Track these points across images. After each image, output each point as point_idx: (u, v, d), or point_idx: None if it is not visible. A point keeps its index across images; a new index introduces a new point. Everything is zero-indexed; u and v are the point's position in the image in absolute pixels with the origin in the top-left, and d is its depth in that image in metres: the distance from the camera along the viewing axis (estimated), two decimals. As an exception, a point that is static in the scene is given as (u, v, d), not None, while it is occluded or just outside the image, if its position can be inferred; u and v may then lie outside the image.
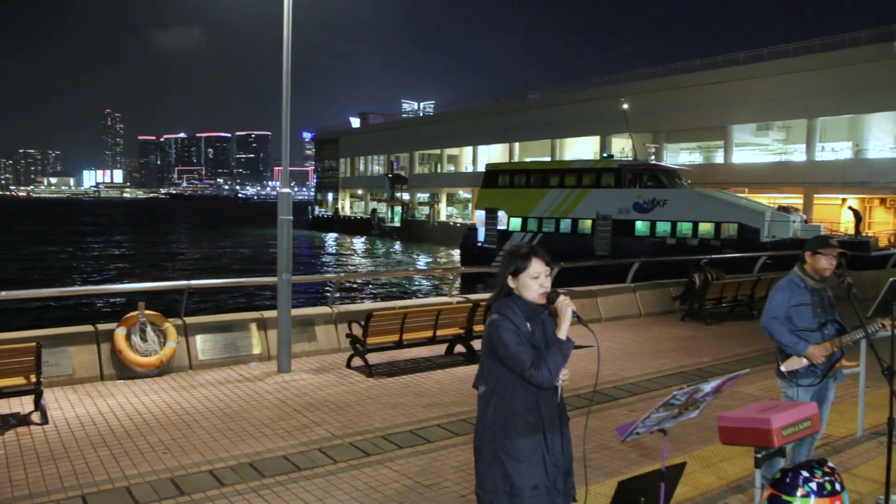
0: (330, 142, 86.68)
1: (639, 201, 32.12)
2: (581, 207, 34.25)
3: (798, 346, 4.68)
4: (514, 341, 3.11)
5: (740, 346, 10.96)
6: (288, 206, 8.91)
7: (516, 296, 3.23)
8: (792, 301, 4.77)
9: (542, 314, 3.24)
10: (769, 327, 4.81)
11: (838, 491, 3.22)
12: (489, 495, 3.19)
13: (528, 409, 3.16)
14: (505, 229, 37.13)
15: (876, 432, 6.40)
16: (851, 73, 35.80)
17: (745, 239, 28.12)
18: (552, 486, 3.18)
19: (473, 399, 7.89)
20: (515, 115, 55.95)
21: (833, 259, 4.74)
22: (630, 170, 33.67)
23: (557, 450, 3.22)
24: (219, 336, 9.25)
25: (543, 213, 35.71)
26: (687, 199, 31.31)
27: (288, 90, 8.89)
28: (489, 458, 3.21)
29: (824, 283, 4.84)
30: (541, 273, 3.19)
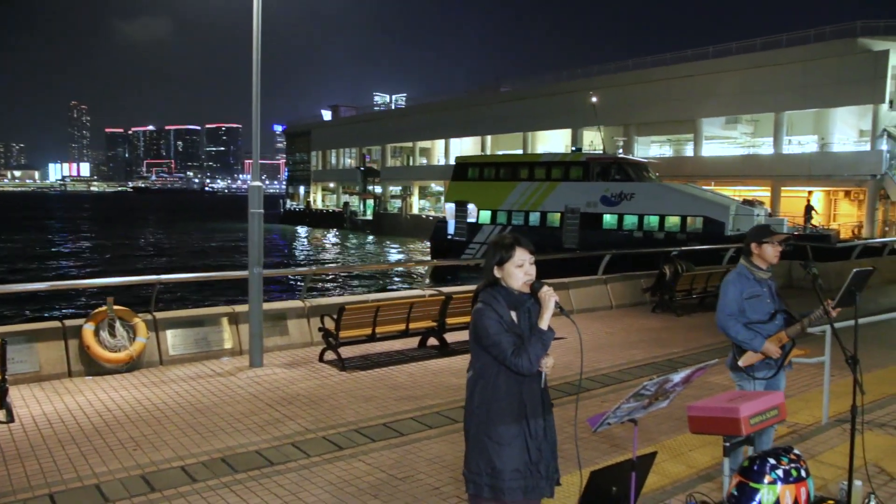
0: (301, 135, 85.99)
1: (606, 195, 32.39)
2: (550, 200, 34.46)
3: (754, 341, 4.70)
4: (496, 330, 3.18)
5: (710, 337, 11.11)
6: (259, 199, 8.84)
7: (501, 285, 3.29)
8: (744, 294, 4.78)
9: (526, 303, 3.30)
10: (725, 325, 4.81)
11: (804, 477, 3.29)
12: (474, 476, 3.28)
13: (510, 395, 3.24)
14: (475, 222, 37.22)
15: (840, 420, 6.54)
16: (817, 67, 36.35)
17: (711, 232, 28.51)
18: (535, 470, 3.25)
19: (447, 391, 7.95)
20: (487, 108, 55.98)
21: (779, 246, 4.79)
22: (598, 163, 33.92)
23: (540, 435, 3.28)
24: (190, 331, 9.16)
25: (513, 206, 35.86)
26: (654, 193, 31.64)
27: (258, 82, 8.81)
28: (474, 442, 3.30)
29: (771, 271, 4.89)
30: (525, 261, 3.25)
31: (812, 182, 37.90)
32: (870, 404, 7.02)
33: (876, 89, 34.38)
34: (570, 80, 51.88)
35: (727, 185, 41.78)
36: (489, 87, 63.52)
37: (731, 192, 39.74)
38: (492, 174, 38.01)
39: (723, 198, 31.84)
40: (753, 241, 4.85)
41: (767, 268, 4.86)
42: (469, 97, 62.13)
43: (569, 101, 47.48)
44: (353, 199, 73.26)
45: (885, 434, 6.25)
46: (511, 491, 3.21)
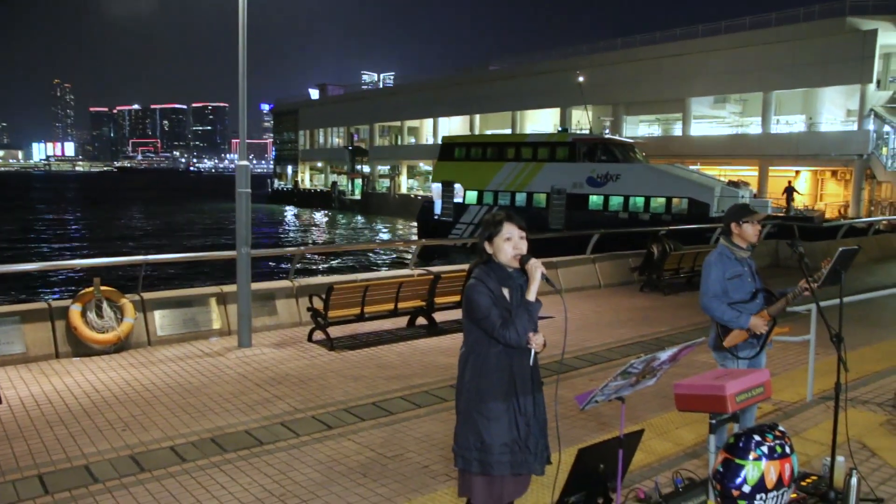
0: (289, 114, 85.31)
1: (592, 175, 32.41)
2: (536, 181, 34.46)
3: (740, 319, 4.72)
4: (487, 304, 3.22)
5: (697, 316, 11.17)
6: (246, 178, 8.78)
7: (494, 262, 3.33)
8: (727, 274, 4.80)
9: (517, 279, 3.33)
10: (709, 306, 4.82)
11: (788, 454, 3.33)
12: (463, 451, 3.32)
13: (501, 371, 3.27)
14: (461, 202, 37.21)
15: (824, 397, 6.62)
16: (805, 47, 36.35)
17: (695, 214, 28.63)
18: (523, 445, 3.30)
19: (436, 371, 7.97)
20: (476, 87, 55.70)
21: (758, 225, 4.82)
22: (584, 144, 33.91)
23: (529, 411, 3.33)
24: (178, 311, 9.14)
25: (499, 187, 35.84)
26: (639, 174, 31.68)
27: (244, 61, 8.72)
28: (464, 416, 3.34)
29: (751, 251, 4.92)
30: (513, 235, 3.28)
31: (799, 162, 38.05)
32: (853, 382, 7.12)
33: (864, 69, 34.42)
34: (559, 59, 51.66)
35: (715, 164, 41.88)
36: (478, 66, 63.18)
37: (719, 172, 39.89)
38: (478, 154, 37.95)
39: (708, 179, 31.92)
40: (733, 221, 4.87)
41: (747, 247, 4.88)
42: (458, 76, 61.77)
43: (557, 80, 47.35)
44: (341, 178, 72.92)
45: (868, 411, 6.34)
46: (499, 465, 3.24)
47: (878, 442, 5.57)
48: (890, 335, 9.74)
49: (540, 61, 53.47)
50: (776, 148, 38.11)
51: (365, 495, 4.70)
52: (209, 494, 4.71)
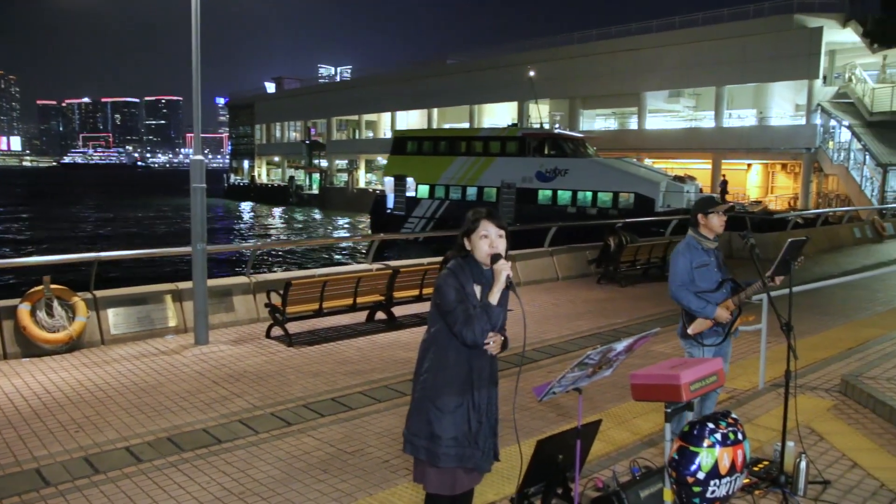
0: (244, 107, 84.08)
1: (541, 170, 32.73)
2: (486, 175, 34.72)
3: (706, 309, 4.87)
4: (454, 298, 3.22)
5: (653, 307, 11.38)
6: (201, 173, 8.65)
7: (471, 257, 3.32)
8: (694, 263, 4.94)
9: (489, 277, 3.32)
10: (677, 295, 4.96)
11: (740, 440, 3.42)
12: (412, 437, 3.34)
13: (459, 364, 3.29)
14: (413, 196, 37.27)
15: (775, 384, 6.80)
16: (755, 43, 37.10)
17: (641, 208, 29.13)
18: (472, 441, 3.30)
19: (395, 365, 7.96)
20: (434, 81, 55.63)
21: (723, 216, 4.95)
22: (534, 138, 34.22)
23: (483, 407, 3.34)
24: (132, 309, 8.96)
25: (450, 181, 36.01)
26: (587, 169, 32.06)
27: (198, 53, 8.57)
28: (418, 404, 3.35)
29: (717, 242, 5.05)
30: (490, 233, 3.27)
31: (751, 155, 38.90)
32: (803, 369, 7.32)
33: (811, 65, 35.30)
34: (516, 52, 51.90)
35: (670, 157, 42.58)
36: (435, 60, 63.07)
37: (668, 165, 40.58)
38: (430, 148, 38.10)
39: (654, 174, 32.43)
40: (700, 212, 5.00)
41: (714, 238, 5.01)
42: (415, 70, 61.60)
43: (514, 73, 47.56)
44: (298, 173, 72.22)
45: (817, 397, 6.52)
46: (446, 458, 3.26)
47: (825, 426, 5.74)
48: (837, 323, 10.04)
49: (497, 56, 53.63)
50: (728, 141, 38.88)
51: (325, 491, 4.69)
52: (166, 495, 4.64)
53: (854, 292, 12.58)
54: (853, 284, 12.85)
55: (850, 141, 34.30)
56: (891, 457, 5.12)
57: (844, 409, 6.16)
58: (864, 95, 35.49)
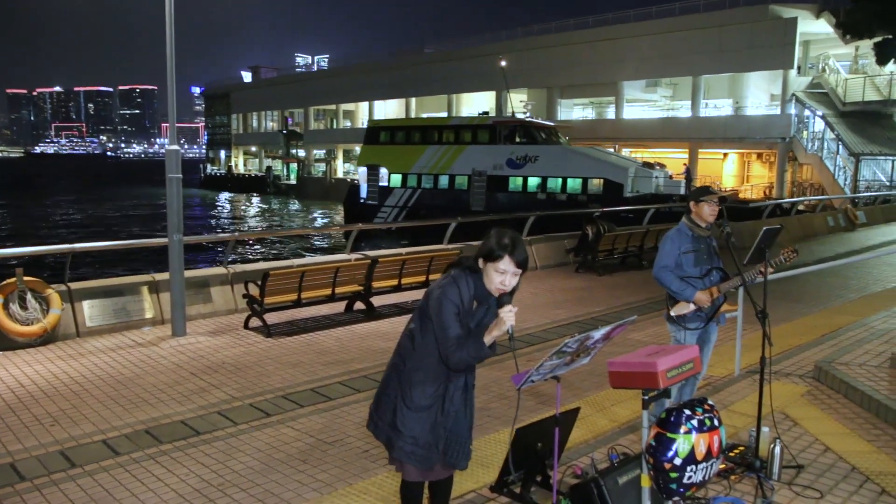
0: (221, 97, 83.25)
1: (512, 157, 32.95)
2: (458, 164, 34.88)
3: (686, 292, 4.98)
4: (450, 314, 3.15)
5: (631, 295, 11.46)
6: (177, 163, 8.55)
7: (479, 275, 3.23)
8: (681, 249, 5.06)
9: (491, 301, 3.27)
10: (659, 276, 5.09)
11: (716, 426, 3.46)
12: (377, 417, 3.39)
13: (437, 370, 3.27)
14: (386, 186, 37.33)
15: (751, 371, 6.90)
16: (731, 33, 37.37)
17: (610, 194, 29.39)
18: (433, 446, 3.30)
19: (374, 355, 7.94)
20: (412, 70, 55.44)
21: (715, 206, 5.03)
22: (505, 126, 34.42)
23: (451, 416, 3.33)
24: (108, 301, 8.86)
25: (423, 170, 36.12)
26: (557, 156, 32.29)
27: (172, 41, 8.45)
28: (390, 394, 3.35)
29: (710, 230, 5.13)
30: (508, 272, 3.17)
31: (727, 144, 39.24)
32: (777, 356, 7.42)
33: (785, 55, 35.65)
34: (494, 42, 51.82)
35: (647, 147, 42.84)
36: (413, 49, 62.88)
37: (650, 155, 40.83)
38: (402, 138, 38.18)
39: (623, 160, 32.71)
40: (692, 201, 5.13)
41: (707, 226, 5.09)
42: (393, 58, 61.35)
43: (492, 63, 47.40)
44: (275, 163, 71.71)
45: (791, 383, 6.62)
46: (401, 452, 3.29)
47: (799, 412, 5.84)
48: (811, 310, 10.19)
49: (475, 45, 53.53)
50: (705, 131, 39.19)
51: (305, 482, 4.68)
52: (144, 487, 4.61)
53: (827, 280, 12.77)
54: (827, 272, 13.04)
55: (824, 131, 34.73)
56: (862, 441, 5.22)
57: (818, 395, 6.26)
58: (837, 86, 35.94)
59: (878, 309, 9.63)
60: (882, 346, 7.36)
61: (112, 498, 4.46)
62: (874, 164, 33.59)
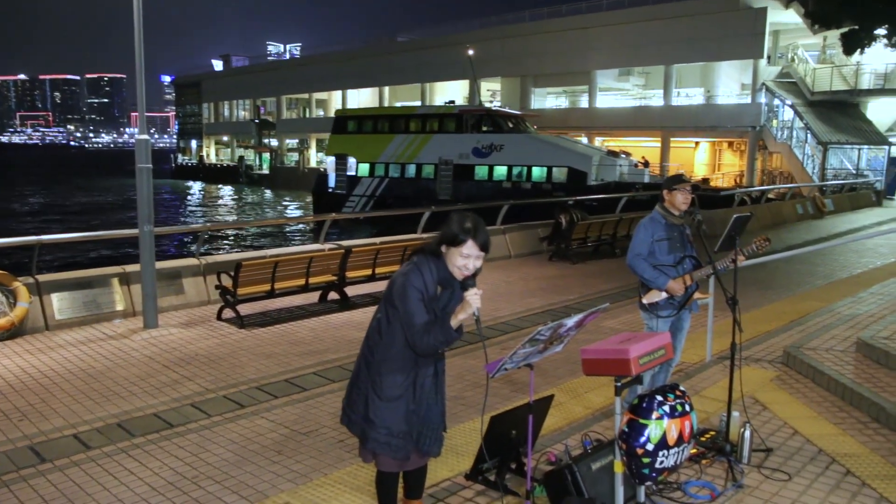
0: (191, 86, 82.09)
1: (478, 146, 33.11)
2: (424, 152, 34.98)
3: (659, 280, 5.02)
4: (415, 301, 3.15)
5: (604, 283, 11.56)
6: (146, 153, 8.43)
7: (442, 260, 3.23)
8: (654, 236, 5.09)
9: (455, 285, 3.27)
10: (632, 264, 5.12)
11: (688, 412, 3.51)
12: (349, 410, 3.39)
13: (405, 359, 3.27)
14: (354, 175, 37.31)
15: (722, 357, 6.99)
16: (703, 22, 37.62)
17: (574, 182, 29.63)
18: (408, 434, 3.31)
19: (349, 345, 7.92)
20: (385, 59, 55.12)
21: (687, 194, 5.08)
22: (471, 115, 34.54)
23: (423, 404, 3.34)
24: (77, 293, 8.73)
25: (390, 159, 36.19)
26: (522, 144, 32.47)
27: (140, 27, 8.30)
28: (360, 387, 3.35)
29: (683, 218, 5.16)
30: (472, 256, 3.17)
31: (699, 133, 39.60)
32: (747, 342, 7.54)
33: (755, 45, 35.99)
34: (467, 30, 51.70)
35: (620, 136, 43.08)
36: (386, 38, 62.49)
37: (623, 144, 41.07)
38: (370, 127, 38.21)
39: (587, 148, 32.95)
40: (665, 189, 5.16)
41: (679, 214, 5.13)
42: (366, 47, 60.96)
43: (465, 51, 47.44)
44: (248, 152, 70.99)
45: (761, 368, 6.73)
46: (375, 443, 3.29)
47: (768, 396, 5.94)
48: (780, 297, 10.35)
49: (448, 34, 53.36)
50: (677, 120, 39.50)
51: (280, 472, 4.67)
52: (117, 481, 4.56)
53: (796, 267, 12.98)
54: (795, 259, 13.25)
55: (793, 120, 35.18)
56: (829, 424, 5.32)
57: (787, 380, 6.37)
58: (805, 75, 36.38)
59: (844, 295, 9.81)
60: (848, 331, 7.51)
61: (83, 492, 4.41)
62: (841, 152, 34.12)
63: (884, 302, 8.86)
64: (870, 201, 28.49)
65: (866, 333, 6.92)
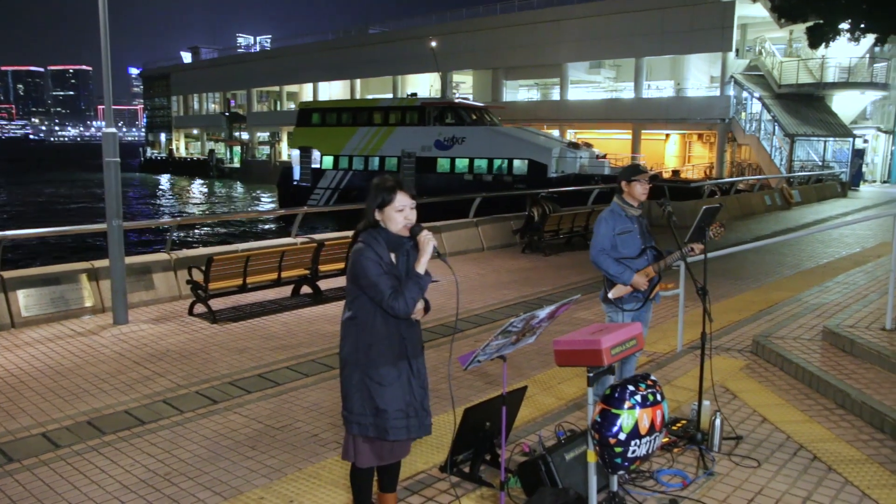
0: (160, 78, 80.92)
1: (440, 139, 33.21)
2: (387, 145, 35.04)
3: (624, 275, 4.98)
4: (376, 271, 3.19)
5: (576, 275, 11.63)
6: (114, 146, 8.31)
7: (382, 227, 3.29)
8: (616, 230, 5.04)
9: (406, 245, 3.32)
10: (597, 260, 5.07)
11: (659, 401, 3.55)
12: (357, 417, 3.34)
13: (391, 336, 3.30)
14: (318, 168, 37.24)
15: (693, 347, 7.08)
16: (672, 15, 37.91)
17: (535, 174, 29.86)
18: (420, 408, 3.36)
19: (322, 339, 7.89)
20: (356, 51, 54.79)
21: (646, 184, 5.05)
22: (434, 107, 34.59)
23: (423, 373, 3.40)
24: (45, 290, 8.58)
25: (353, 151, 36.21)
26: (483, 137, 32.60)
27: (105, 17, 8.16)
28: (355, 383, 3.33)
29: (642, 209, 5.17)
30: (406, 206, 3.26)
31: (669, 125, 39.96)
32: (717, 331, 7.64)
33: (724, 38, 36.37)
34: (439, 23, 51.54)
35: (591, 128, 43.32)
36: (358, 30, 62.09)
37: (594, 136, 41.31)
38: (333, 120, 38.16)
39: (548, 140, 33.11)
40: (623, 180, 5.09)
41: (638, 205, 5.11)
42: (337, 39, 60.51)
43: (438, 43, 47.31)
44: (218, 146, 70.23)
45: (731, 357, 6.83)
46: (395, 430, 3.29)
47: (738, 385, 6.03)
48: (749, 287, 10.50)
49: (420, 26, 53.16)
50: (648, 112, 39.82)
51: (254, 468, 4.65)
52: (87, 480, 4.50)
53: (765, 257, 13.18)
54: (764, 250, 13.46)
55: (761, 112, 35.67)
56: (797, 411, 5.42)
57: (756, 368, 6.48)
58: (772, 68, 36.89)
59: (811, 284, 9.99)
60: (815, 319, 7.65)
61: (53, 492, 4.35)
62: (808, 144, 34.67)
63: (849, 291, 9.04)
64: (836, 192, 29.02)
65: (832, 322, 7.06)
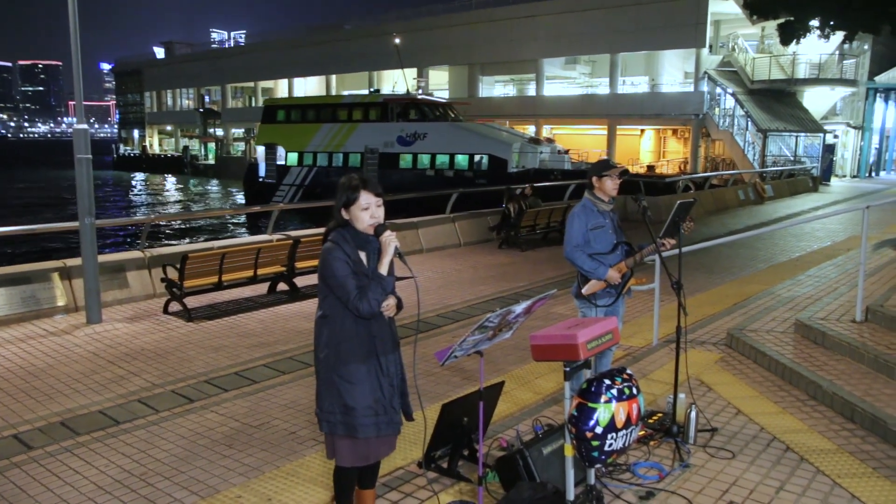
0: (132, 73, 79.86)
1: (402, 135, 33.37)
2: (351, 141, 35.21)
3: (598, 271, 5.00)
4: (343, 272, 3.20)
5: (553, 270, 11.69)
6: (86, 143, 8.18)
7: (350, 226, 3.29)
8: (589, 225, 5.05)
9: (374, 244, 3.31)
10: (571, 256, 5.08)
11: (635, 394, 3.58)
12: (326, 415, 3.34)
13: (360, 335, 3.29)
14: (283, 164, 37.23)
15: (668, 340, 7.15)
16: (647, 11, 38.16)
17: (495, 170, 30.07)
18: (388, 405, 3.35)
19: (299, 336, 7.86)
20: (331, 47, 54.48)
21: (617, 179, 5.06)
22: (396, 104, 34.72)
23: (392, 370, 3.38)
24: (15, 289, 8.44)
25: (318, 148, 36.33)
26: (445, 132, 32.79)
27: (75, 11, 8.03)
28: (325, 382, 3.34)
29: (613, 204, 5.20)
30: (371, 204, 3.26)
31: (644, 121, 40.26)
32: (692, 325, 7.72)
33: (698, 34, 36.69)
34: (415, 18, 51.40)
35: (567, 124, 43.51)
36: (333, 25, 61.73)
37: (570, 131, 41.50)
38: (298, 116, 38.30)
39: (509, 136, 33.33)
40: (594, 175, 5.10)
41: (609, 200, 5.13)
42: (312, 35, 60.08)
43: (413, 40, 47.19)
44: (193, 142, 69.50)
45: (705, 351, 6.91)
46: (364, 427, 3.28)
47: (713, 378, 6.10)
48: (723, 280, 10.62)
49: (395, 21, 52.95)
50: (623, 108, 40.07)
51: (231, 466, 4.62)
52: (61, 481, 4.44)
53: (738, 251, 13.33)
54: (738, 244, 13.62)
55: (734, 108, 36.04)
56: (770, 403, 5.50)
57: (730, 361, 6.56)
58: (745, 64, 37.30)
59: (783, 278, 10.12)
60: (787, 312, 7.75)
61: (25, 494, 4.28)
62: (780, 139, 35.11)
63: (820, 284, 9.17)
64: (807, 187, 29.43)
65: (804, 314, 7.16)
